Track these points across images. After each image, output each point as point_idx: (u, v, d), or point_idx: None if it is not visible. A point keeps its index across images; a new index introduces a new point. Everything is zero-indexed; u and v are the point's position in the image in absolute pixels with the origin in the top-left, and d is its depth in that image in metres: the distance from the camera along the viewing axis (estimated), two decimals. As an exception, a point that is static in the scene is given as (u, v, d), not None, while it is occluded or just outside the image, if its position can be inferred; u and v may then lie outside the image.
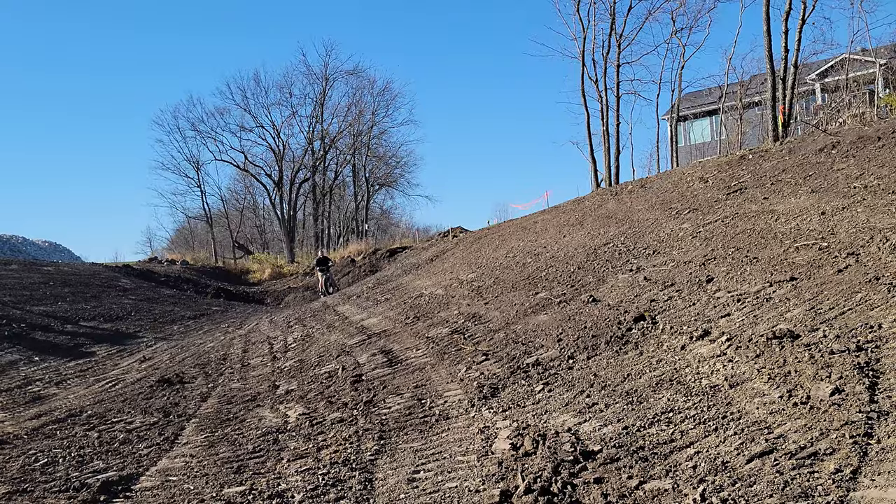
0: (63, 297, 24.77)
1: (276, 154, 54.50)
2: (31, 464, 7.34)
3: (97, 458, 7.50)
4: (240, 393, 10.62)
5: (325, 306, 21.35)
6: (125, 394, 11.59)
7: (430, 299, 14.85)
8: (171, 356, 16.12)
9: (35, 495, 6.26)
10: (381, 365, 10.20)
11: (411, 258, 28.46)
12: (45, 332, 19.13)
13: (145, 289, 31.38)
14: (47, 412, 10.45)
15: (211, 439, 8.02)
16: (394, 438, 6.90)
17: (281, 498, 5.58)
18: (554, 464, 5.04)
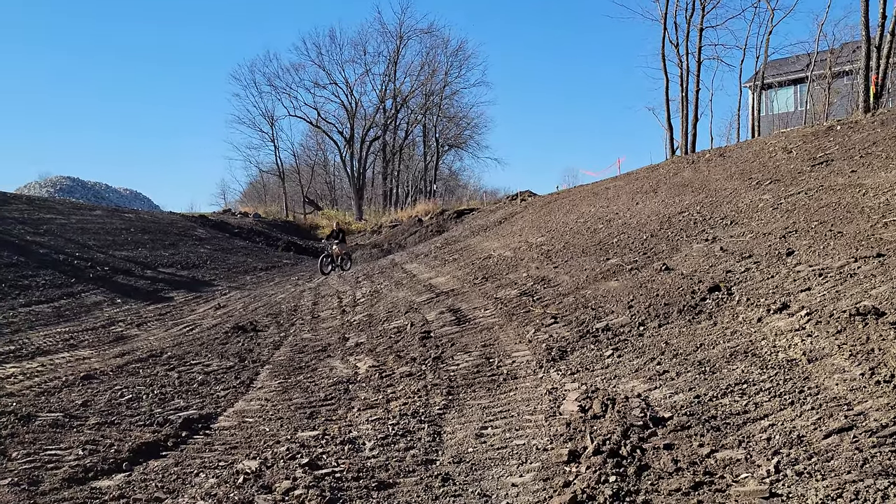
0: (143, 243, 25.70)
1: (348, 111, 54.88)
2: (118, 398, 7.73)
3: (178, 397, 7.85)
4: (311, 343, 10.91)
5: (393, 264, 21.60)
6: (202, 338, 12.04)
7: (499, 261, 14.87)
8: (245, 305, 16.62)
9: (122, 427, 6.61)
10: (450, 323, 10.31)
11: (479, 220, 28.45)
12: (126, 276, 19.94)
13: (219, 239, 32.27)
14: (130, 352, 10.96)
15: (284, 385, 8.29)
16: (462, 394, 7.01)
17: (353, 444, 5.75)
18: (623, 427, 5.05)
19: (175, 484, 5.12)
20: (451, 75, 57.51)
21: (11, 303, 14.61)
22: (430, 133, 58.68)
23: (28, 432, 6.37)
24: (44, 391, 8.16)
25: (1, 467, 5.48)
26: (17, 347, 10.94)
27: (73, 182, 55.42)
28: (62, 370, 9.46)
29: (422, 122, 58.00)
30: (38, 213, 25.30)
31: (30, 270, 17.63)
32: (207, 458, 5.78)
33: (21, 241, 20.61)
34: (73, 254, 20.89)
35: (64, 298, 15.89)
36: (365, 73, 58.12)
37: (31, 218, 24.07)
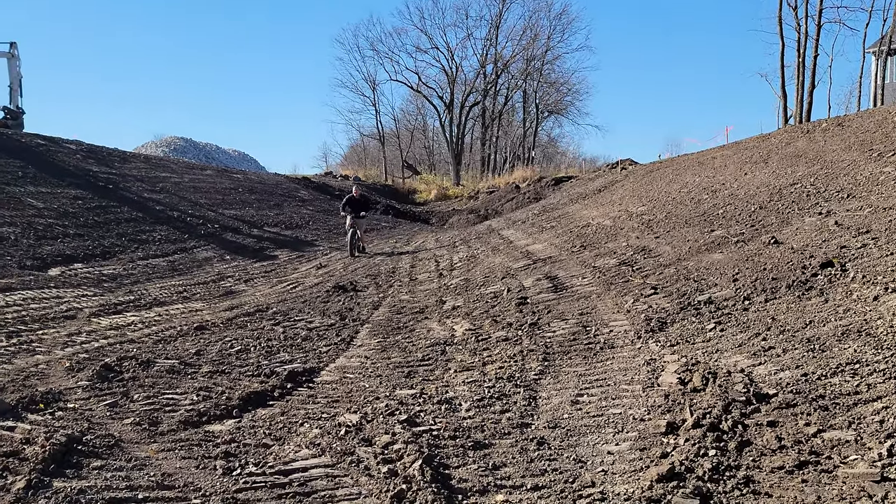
0: (250, 203, 26.71)
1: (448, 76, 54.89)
2: (228, 349, 8.15)
3: (283, 351, 8.20)
4: (408, 305, 11.13)
5: (490, 229, 21.65)
6: (304, 296, 12.47)
7: (597, 229, 14.67)
8: (345, 266, 17.08)
9: (232, 377, 6.98)
10: (546, 290, 10.29)
11: (577, 188, 28.08)
12: (234, 233, 20.82)
13: (321, 201, 33.13)
14: (238, 306, 11.49)
15: (383, 344, 8.52)
16: (557, 361, 7.02)
17: (449, 404, 5.87)
18: (724, 402, 4.95)
19: (281, 432, 5.38)
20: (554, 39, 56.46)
21: (131, 255, 15.52)
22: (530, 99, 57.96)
23: (148, 377, 6.81)
24: (161, 339, 8.69)
25: (125, 408, 5.90)
26: (137, 297, 11.65)
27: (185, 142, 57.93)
28: (177, 320, 10.02)
29: (522, 87, 57.34)
30: (154, 172, 26.65)
31: (147, 226, 18.65)
32: (311, 409, 6.03)
33: (139, 198, 21.78)
34: (186, 211, 21.95)
35: (178, 253, 16.75)
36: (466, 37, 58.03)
37: (148, 176, 25.37)
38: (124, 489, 4.23)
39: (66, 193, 19.09)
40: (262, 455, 4.87)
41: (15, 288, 10.98)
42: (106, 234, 16.67)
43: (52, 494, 4.07)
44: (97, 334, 8.84)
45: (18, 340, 8.21)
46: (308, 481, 4.38)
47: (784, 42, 29.08)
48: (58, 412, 5.67)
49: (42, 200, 17.61)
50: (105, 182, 22.04)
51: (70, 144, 25.71)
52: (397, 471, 4.38)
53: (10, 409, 5.56)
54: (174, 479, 4.42)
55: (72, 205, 18.22)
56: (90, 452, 4.79)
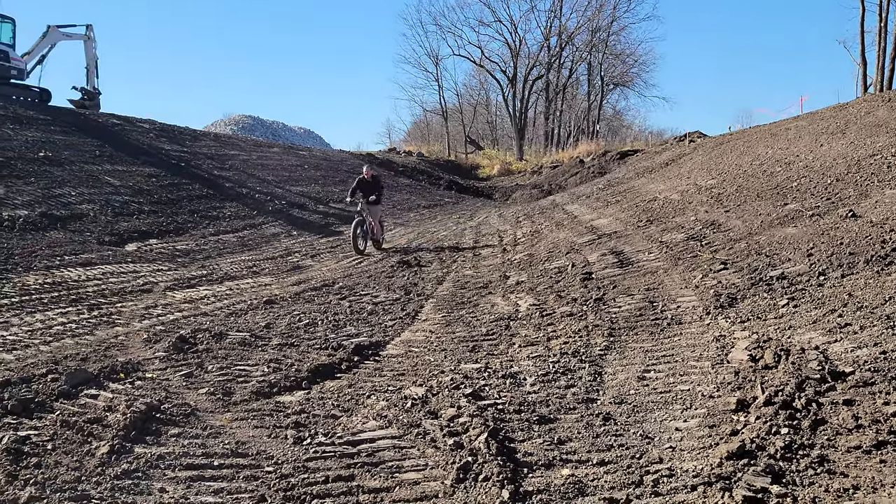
0: (315, 179, 27.10)
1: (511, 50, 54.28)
2: (296, 323, 8.33)
3: (349, 325, 8.34)
4: (472, 280, 11.15)
5: (554, 204, 21.47)
6: (370, 271, 12.63)
7: (664, 204, 14.38)
8: (409, 241, 17.21)
9: (301, 349, 7.14)
10: (612, 265, 10.16)
11: (644, 161, 27.53)
12: (301, 210, 21.19)
13: (384, 177, 33.39)
14: (305, 280, 11.71)
15: (448, 319, 8.58)
16: (623, 337, 6.94)
17: (514, 379, 5.88)
18: (798, 380, 4.82)
19: (349, 404, 5.49)
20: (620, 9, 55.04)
21: (202, 231, 15.97)
22: (595, 71, 56.84)
23: (221, 349, 7.03)
24: (232, 312, 8.94)
25: (199, 378, 6.11)
26: (209, 272, 12.00)
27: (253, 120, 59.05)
28: (247, 294, 10.29)
29: (587, 59, 56.29)
30: (223, 150, 27.25)
31: (217, 202, 19.13)
32: (377, 382, 6.14)
33: (210, 176, 22.34)
34: (254, 188, 22.42)
35: (247, 229, 17.16)
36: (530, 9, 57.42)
37: (217, 154, 25.97)
38: (200, 456, 4.40)
39: (141, 171, 19.71)
40: (330, 426, 4.99)
41: (95, 263, 11.43)
42: (179, 210, 17.17)
43: (133, 459, 4.26)
44: (172, 307, 9.15)
45: (99, 313, 8.56)
46: (376, 452, 4.46)
47: (865, 6, 27.73)
48: (137, 382, 5.92)
49: (118, 178, 18.23)
50: (177, 160, 22.66)
51: (144, 124, 26.50)
52: (463, 443, 4.43)
53: (92, 378, 5.82)
54: (247, 447, 4.57)
55: (146, 182, 18.81)
56: (168, 420, 4.99)
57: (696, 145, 26.74)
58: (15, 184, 15.02)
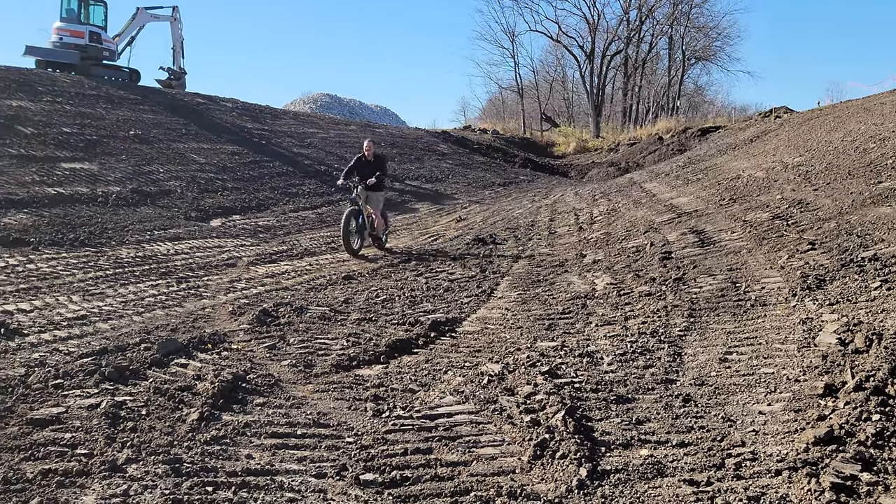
0: (391, 157, 27.32)
1: (589, 25, 53.21)
2: (374, 298, 8.47)
3: (426, 301, 8.43)
4: (548, 258, 11.09)
5: (631, 182, 21.09)
6: (445, 248, 12.71)
7: (748, 181, 13.93)
8: (483, 219, 17.22)
9: (378, 324, 7.27)
10: (692, 244, 9.94)
11: (726, 138, 26.69)
12: (377, 187, 21.42)
13: (460, 154, 33.41)
14: (382, 257, 11.87)
15: (523, 297, 8.57)
16: (704, 318, 6.80)
17: (590, 358, 5.85)
18: (892, 365, 4.62)
19: (426, 379, 5.57)
20: (703, -20, 53.23)
21: (283, 208, 16.36)
22: (676, 45, 55.21)
23: (302, 322, 7.22)
24: (312, 287, 9.16)
25: (282, 350, 6.30)
26: (289, 248, 12.30)
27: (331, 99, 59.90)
28: (326, 270, 10.51)
29: (668, 33, 54.72)
30: (302, 128, 27.77)
31: (297, 179, 19.55)
32: (454, 358, 6.20)
33: (289, 153, 22.81)
34: (332, 165, 22.78)
35: (325, 206, 17.49)
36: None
37: (297, 132, 26.47)
38: (284, 425, 4.55)
39: (225, 149, 20.29)
40: (408, 399, 5.07)
41: (182, 237, 11.87)
42: (260, 187, 17.63)
43: (221, 426, 4.44)
44: (255, 281, 9.44)
45: (187, 286, 8.90)
46: (453, 426, 4.52)
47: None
48: (223, 352, 6.14)
49: (203, 156, 18.82)
50: (259, 138, 23.21)
51: (227, 103, 27.21)
52: (540, 420, 4.44)
53: (182, 347, 6.07)
54: (329, 418, 4.70)
55: (230, 160, 19.36)
56: (253, 390, 5.17)
57: (782, 121, 25.75)
58: (108, 161, 15.69)
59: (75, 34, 25.86)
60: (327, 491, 3.72)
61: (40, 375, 5.08)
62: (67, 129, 16.81)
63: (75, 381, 5.06)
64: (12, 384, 4.88)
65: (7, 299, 7.22)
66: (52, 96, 18.74)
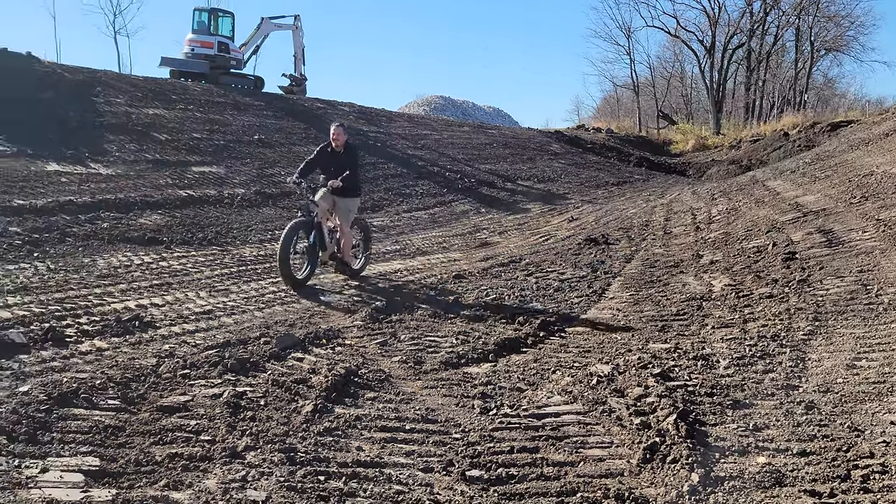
0: (504, 157, 27.36)
1: (709, 18, 51.26)
2: (483, 297, 8.51)
3: (535, 300, 8.39)
4: (662, 258, 10.79)
5: (754, 180, 20.20)
6: (556, 248, 12.59)
7: (883, 178, 13.05)
8: (596, 218, 16.94)
9: (488, 323, 7.31)
10: (818, 244, 9.41)
11: (859, 133, 25.07)
12: (489, 187, 21.50)
13: (573, 154, 33.03)
14: (493, 256, 11.91)
15: (636, 297, 8.38)
16: (830, 321, 6.43)
17: (706, 361, 5.66)
18: None
19: (534, 378, 5.55)
20: (834, -34, 50.24)
21: (396, 208, 16.69)
22: (804, 36, 52.29)
23: (412, 320, 7.35)
24: (423, 286, 9.29)
25: (393, 346, 6.43)
26: (402, 247, 12.55)
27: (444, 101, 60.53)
28: (437, 269, 10.65)
29: (794, 24, 51.92)
30: (416, 130, 28.23)
31: (410, 181, 19.89)
32: (563, 357, 6.14)
33: (403, 155, 23.25)
34: (444, 166, 23.05)
35: (437, 206, 17.71)
36: (731, -27, 53.44)
37: (410, 134, 26.95)
38: (393, 419, 4.65)
39: (341, 152, 20.90)
40: (516, 398, 5.07)
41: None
42: (375, 188, 18.05)
43: (334, 419, 4.59)
44: (368, 280, 9.67)
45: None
46: (560, 426, 4.49)
47: None
48: (337, 347, 6.35)
49: (321, 159, 19.48)
50: (374, 140, 23.78)
51: (344, 107, 28.03)
52: (650, 423, 4.33)
53: (299, 342, 6.31)
54: (437, 414, 4.77)
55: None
56: (364, 385, 5.32)
57: (923, 113, 23.94)
58: (234, 164, 16.51)
59: (205, 45, 27.39)
60: (434, 485, 3.78)
61: (170, 365, 5.41)
62: (198, 134, 17.80)
63: (201, 372, 5.36)
64: (145, 373, 5.22)
65: (142, 294, 7.73)
66: (184, 104, 19.90)
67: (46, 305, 6.81)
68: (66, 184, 12.05)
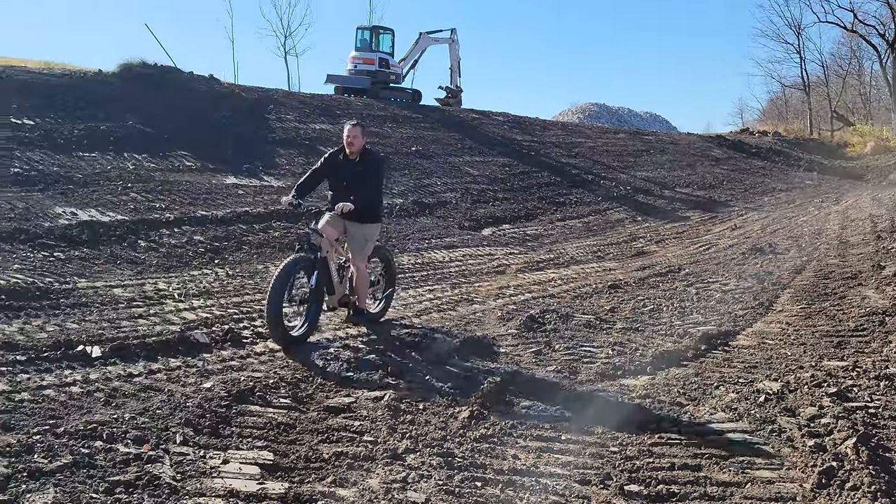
0: (661, 164, 26.53)
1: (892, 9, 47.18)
2: (640, 308, 8.30)
3: (696, 312, 8.08)
4: (837, 269, 10.07)
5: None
6: (718, 258, 12.06)
7: None
8: (762, 227, 16.06)
9: (645, 334, 7.11)
10: None
11: None
12: (645, 195, 20.93)
13: (736, 159, 31.46)
14: (650, 266, 11.58)
15: (807, 311, 7.86)
16: None
17: (889, 381, 5.22)
18: None
19: (695, 393, 5.35)
20: None
21: (550, 217, 16.64)
22: None
23: (567, 329, 7.29)
24: (577, 295, 9.19)
25: (547, 356, 6.41)
26: (556, 256, 12.48)
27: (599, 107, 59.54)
28: (592, 278, 10.50)
29: None
30: (570, 138, 28.01)
31: (564, 189, 19.76)
32: (726, 373, 5.87)
33: (557, 163, 23.14)
34: (599, 174, 22.71)
35: (592, 215, 17.47)
36: (917, -41, 48.90)
37: (564, 142, 26.77)
38: (549, 429, 4.64)
39: (496, 161, 21.13)
40: (676, 413, 4.91)
41: (456, 246, 12.57)
42: (528, 197, 18.09)
43: (489, 425, 4.65)
44: (523, 288, 9.70)
45: (459, 291, 9.40)
46: (725, 444, 4.32)
47: None
48: (492, 355, 6.41)
49: (476, 168, 19.78)
50: (527, 149, 23.84)
51: (498, 117, 28.30)
52: (826, 446, 4.06)
53: (455, 349, 6.44)
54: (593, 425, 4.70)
55: (500, 171, 20.12)
56: (519, 393, 5.34)
57: None
58: (393, 175, 17.11)
59: (367, 61, 28.64)
60: (591, 498, 3.74)
61: (335, 367, 5.69)
62: (358, 147, 18.62)
63: (363, 375, 5.60)
64: (313, 375, 5.52)
65: (309, 299, 8.19)
66: (346, 119, 20.90)
67: (226, 308, 7.37)
68: (243, 196, 12.99)
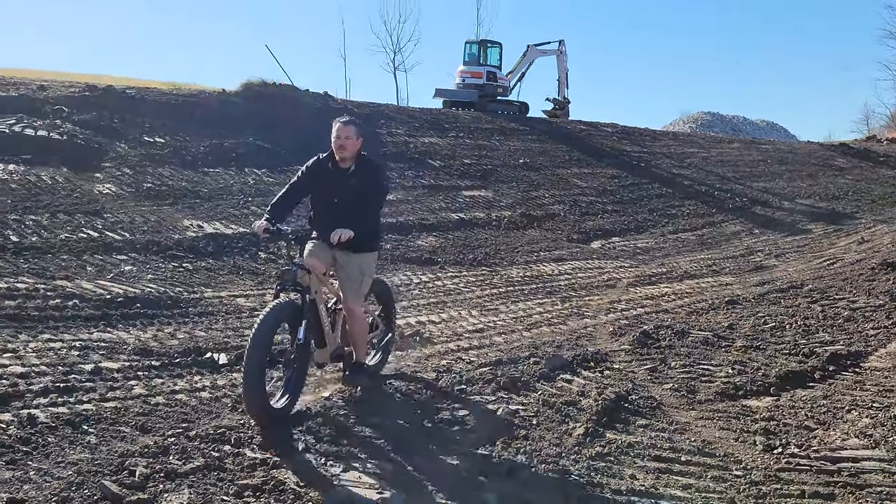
0: (779, 174, 25.39)
1: None
2: (761, 325, 7.95)
3: (822, 331, 7.66)
4: (983, 287, 9.32)
5: None
6: (844, 273, 11.40)
7: None
8: (892, 240, 15.07)
9: (767, 353, 6.81)
10: None
11: None
12: (763, 207, 20.08)
13: (862, 169, 29.68)
14: (769, 281, 11.10)
15: (949, 332, 7.33)
16: None
17: None
18: None
19: (825, 416, 5.09)
20: None
21: (661, 230, 16.23)
22: None
23: (683, 346, 7.07)
24: (693, 311, 8.91)
25: (663, 373, 6.25)
26: (668, 270, 12.15)
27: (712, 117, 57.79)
28: (707, 293, 10.16)
29: None
30: (681, 148, 27.25)
31: (676, 201, 19.23)
32: (858, 396, 5.55)
33: (668, 174, 22.56)
34: (712, 185, 21.96)
35: (706, 227, 16.91)
36: None
37: (675, 153, 26.07)
38: (667, 449, 4.52)
39: (604, 173, 20.82)
40: (804, 437, 4.69)
41: (565, 259, 12.46)
42: (638, 209, 17.71)
43: (605, 444, 4.58)
44: (634, 303, 9.51)
45: (570, 305, 9.32)
46: (860, 473, 4.08)
47: None
48: (605, 371, 6.30)
49: (584, 180, 19.55)
50: (637, 161, 23.36)
51: (606, 128, 27.89)
52: (975, 479, 3.77)
53: (567, 363, 6.37)
54: (714, 447, 4.56)
55: (609, 183, 19.81)
56: (635, 411, 5.23)
57: None
58: (501, 188, 17.17)
59: (475, 75, 28.94)
60: (714, 523, 3.61)
61: (448, 380, 5.75)
62: (468, 160, 18.77)
63: (476, 388, 5.62)
64: (426, 385, 5.60)
65: (421, 311, 8.31)
66: (455, 132, 21.14)
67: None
68: (355, 208, 13.34)
